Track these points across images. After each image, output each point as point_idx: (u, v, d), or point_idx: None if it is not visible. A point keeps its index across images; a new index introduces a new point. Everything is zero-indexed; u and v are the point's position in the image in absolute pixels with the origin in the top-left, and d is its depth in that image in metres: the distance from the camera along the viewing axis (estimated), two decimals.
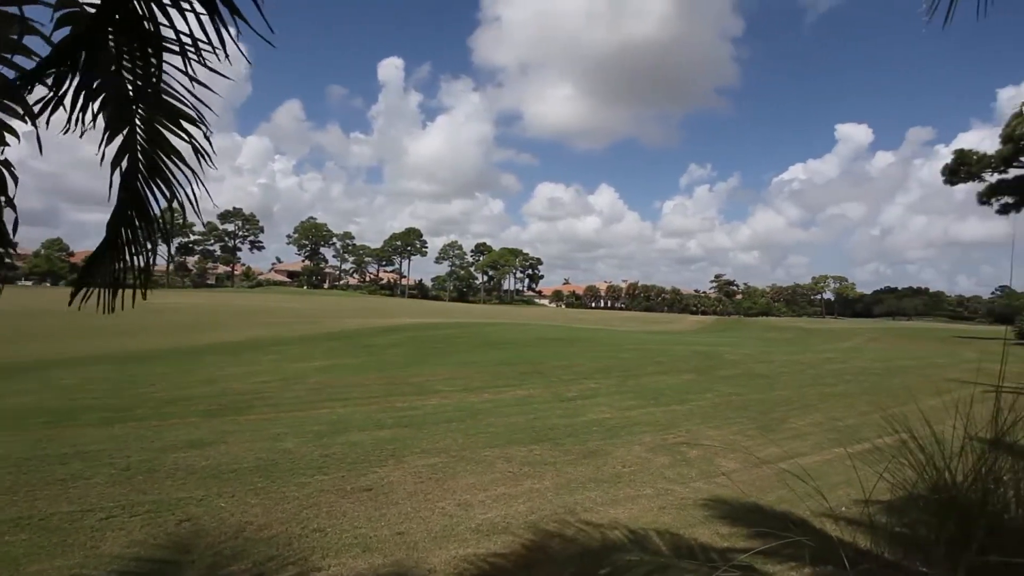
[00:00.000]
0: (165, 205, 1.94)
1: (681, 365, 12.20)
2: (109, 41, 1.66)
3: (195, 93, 1.81)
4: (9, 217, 1.60)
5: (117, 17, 1.59)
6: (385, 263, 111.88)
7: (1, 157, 1.55)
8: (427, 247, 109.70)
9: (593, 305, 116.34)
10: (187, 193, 1.97)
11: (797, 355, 15.79)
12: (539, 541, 3.57)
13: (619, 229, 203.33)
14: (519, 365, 11.21)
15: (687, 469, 5.18)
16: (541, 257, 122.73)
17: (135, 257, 1.92)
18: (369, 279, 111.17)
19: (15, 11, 1.44)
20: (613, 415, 7.25)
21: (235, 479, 4.47)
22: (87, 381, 8.65)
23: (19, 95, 1.52)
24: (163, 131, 1.84)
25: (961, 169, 31.06)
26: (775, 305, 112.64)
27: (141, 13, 1.59)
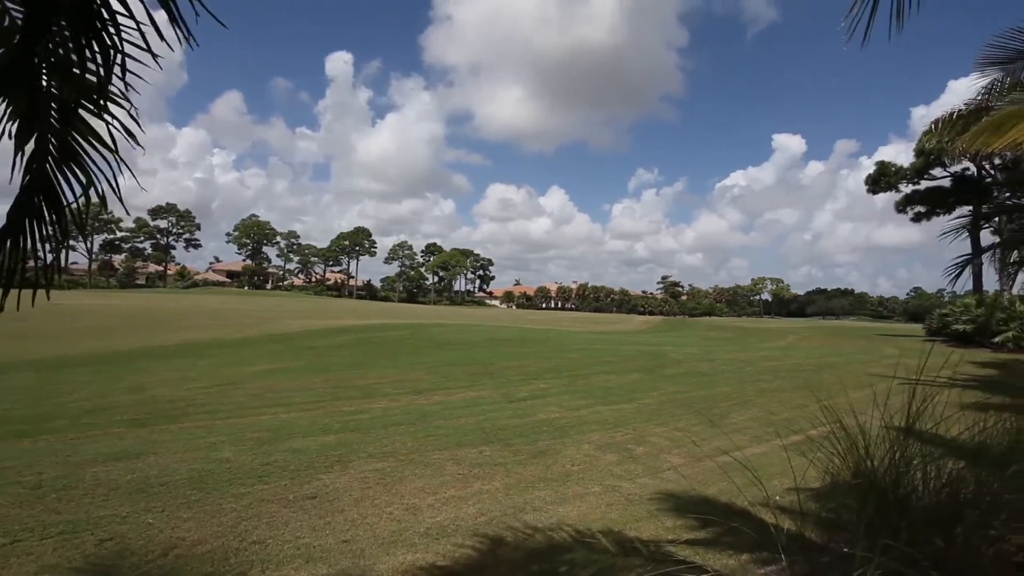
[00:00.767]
0: (80, 193, 1.75)
1: (629, 364, 12.52)
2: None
3: (123, 65, 1.63)
4: None
5: None
6: (332, 263, 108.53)
7: None
8: (376, 247, 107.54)
9: (544, 306, 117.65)
10: (109, 181, 1.78)
11: (737, 353, 16.57)
12: (489, 543, 3.55)
13: (569, 231, 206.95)
14: (469, 366, 11.15)
15: (634, 465, 5.31)
16: (492, 258, 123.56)
17: (42, 252, 1.72)
18: (315, 280, 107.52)
19: None
20: (563, 414, 7.33)
21: (165, 493, 4.18)
22: None
23: None
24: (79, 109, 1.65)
25: (881, 179, 33.76)
26: (717, 305, 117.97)
27: None
